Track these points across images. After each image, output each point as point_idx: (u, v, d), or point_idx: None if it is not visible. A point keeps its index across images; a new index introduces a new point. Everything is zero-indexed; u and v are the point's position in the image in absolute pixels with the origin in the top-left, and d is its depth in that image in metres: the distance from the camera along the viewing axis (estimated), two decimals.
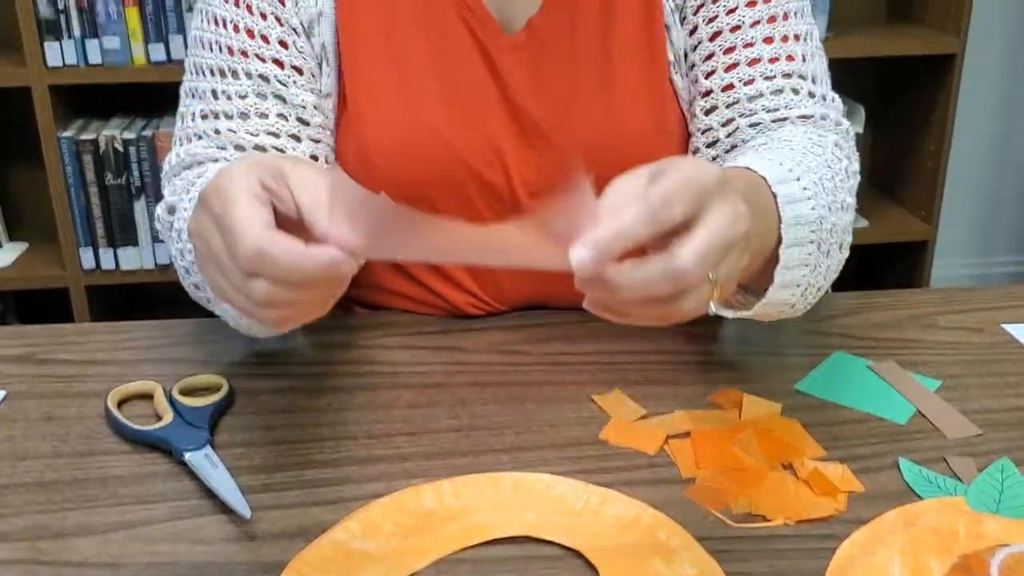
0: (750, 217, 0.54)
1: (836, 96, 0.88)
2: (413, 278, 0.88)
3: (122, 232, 1.98)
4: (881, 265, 2.39)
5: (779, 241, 0.66)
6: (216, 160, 0.83)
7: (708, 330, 0.86)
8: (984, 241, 2.65)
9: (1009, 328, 0.88)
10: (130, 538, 0.62)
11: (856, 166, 0.80)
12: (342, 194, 0.51)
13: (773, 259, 0.66)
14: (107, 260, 2.00)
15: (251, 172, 0.55)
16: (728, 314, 0.70)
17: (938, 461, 0.70)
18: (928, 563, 0.59)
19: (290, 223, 0.54)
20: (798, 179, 0.68)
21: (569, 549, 0.61)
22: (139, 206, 1.97)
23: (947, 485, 0.67)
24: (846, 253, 0.75)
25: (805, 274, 0.68)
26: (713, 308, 0.57)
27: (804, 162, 0.71)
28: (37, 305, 2.14)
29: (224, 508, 0.64)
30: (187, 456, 0.67)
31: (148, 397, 0.76)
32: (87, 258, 1.99)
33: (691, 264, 0.49)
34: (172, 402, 0.73)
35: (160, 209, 0.84)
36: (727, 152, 0.85)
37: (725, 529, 0.62)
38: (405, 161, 0.81)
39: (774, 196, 0.66)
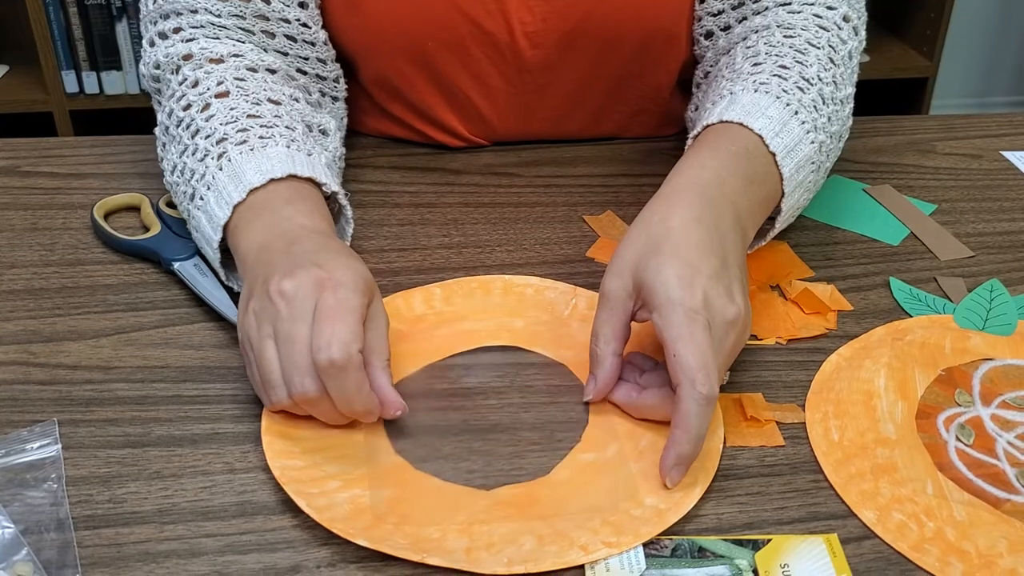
0: (737, 273, 0.56)
1: None
2: (398, 120, 0.85)
3: (105, 55, 1.93)
4: (880, 101, 2.35)
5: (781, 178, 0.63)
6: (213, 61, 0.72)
7: None
8: (985, 80, 2.60)
9: (1008, 155, 0.87)
10: (121, 343, 0.62)
11: (862, 35, 0.75)
12: None
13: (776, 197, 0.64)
14: (90, 84, 1.95)
15: (360, 284, 0.54)
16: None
17: (929, 281, 0.70)
18: (913, 375, 0.60)
19: None
20: (796, 113, 0.64)
21: None
22: (121, 28, 1.91)
23: (936, 304, 0.67)
24: (844, 140, 0.72)
25: (804, 197, 0.67)
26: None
27: (805, 73, 0.67)
28: (20, 132, 2.10)
29: (214, 316, 0.64)
30: (176, 265, 0.67)
31: (134, 209, 0.75)
32: (70, 82, 1.94)
33: (710, 390, 0.51)
34: (159, 214, 0.72)
35: (146, 70, 0.75)
36: (725, 54, 0.78)
37: None
38: (398, 7, 0.77)
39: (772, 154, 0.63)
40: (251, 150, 0.64)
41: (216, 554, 0.49)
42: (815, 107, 0.65)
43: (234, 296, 0.64)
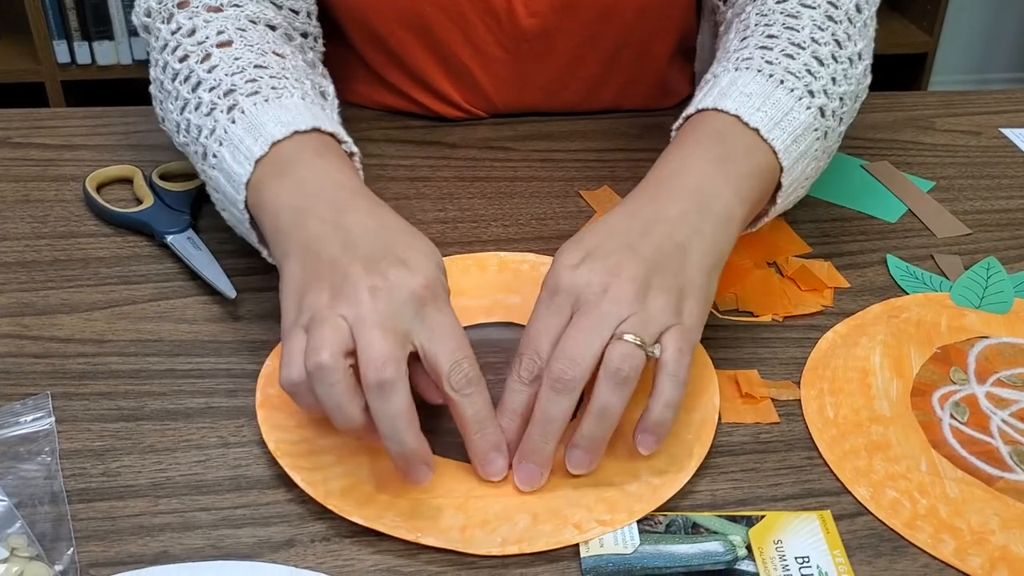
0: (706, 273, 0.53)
1: None
2: (394, 88, 0.84)
3: (97, 25, 1.91)
4: (879, 77, 2.33)
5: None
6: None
7: None
8: (984, 56, 2.59)
9: (1007, 132, 0.87)
10: (115, 316, 0.62)
11: None
12: None
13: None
14: (82, 54, 1.93)
15: (443, 279, 0.51)
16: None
17: (926, 259, 0.70)
18: (909, 353, 0.60)
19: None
20: (782, 82, 0.61)
21: None
22: None
23: (933, 281, 0.67)
24: (863, 97, 0.69)
25: (812, 166, 0.63)
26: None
27: (795, 38, 0.64)
28: (11, 102, 2.09)
29: (208, 290, 0.64)
30: (169, 239, 0.67)
31: (127, 182, 0.75)
32: (61, 52, 1.92)
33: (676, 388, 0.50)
34: (152, 186, 0.72)
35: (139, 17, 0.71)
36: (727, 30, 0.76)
37: (712, 318, 0.63)
38: None
39: (761, 135, 0.59)
40: (265, 101, 0.59)
41: (210, 528, 0.49)
42: (809, 71, 0.62)
43: (228, 271, 0.64)
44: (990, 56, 2.60)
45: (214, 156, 0.59)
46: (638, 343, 0.49)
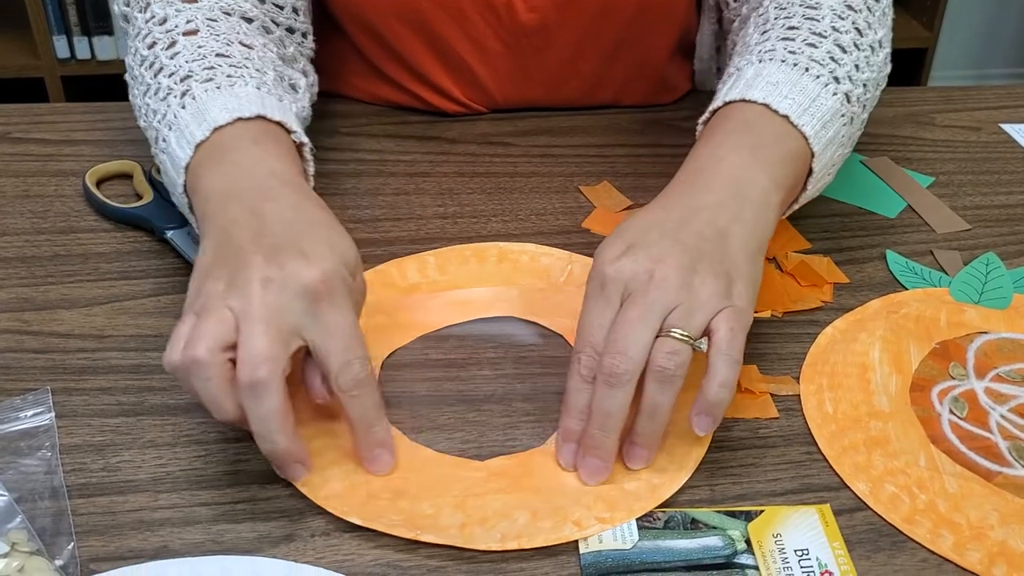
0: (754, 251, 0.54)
1: None
2: (393, 82, 0.84)
3: (96, 20, 1.91)
4: None
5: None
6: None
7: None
8: (984, 52, 2.59)
9: (1007, 128, 0.87)
10: (114, 311, 0.62)
11: None
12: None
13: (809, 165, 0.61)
14: (82, 49, 1.93)
15: (347, 278, 0.50)
16: None
17: (925, 254, 0.70)
18: (908, 348, 0.60)
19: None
20: (807, 70, 0.61)
21: None
22: None
23: (932, 277, 0.67)
24: (883, 86, 0.70)
25: (839, 152, 0.63)
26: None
27: (816, 28, 0.64)
28: (11, 97, 2.09)
29: None
30: (169, 234, 0.67)
31: (127, 177, 0.75)
32: (61, 47, 1.92)
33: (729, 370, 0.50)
34: (152, 181, 0.72)
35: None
36: (744, 22, 0.76)
37: None
38: None
39: (791, 122, 0.60)
40: (217, 88, 0.59)
41: (210, 523, 0.49)
42: (832, 59, 0.63)
43: None
44: (990, 52, 2.60)
45: (163, 140, 0.59)
46: (685, 338, 0.49)
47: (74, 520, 0.48)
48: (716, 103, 0.62)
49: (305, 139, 0.61)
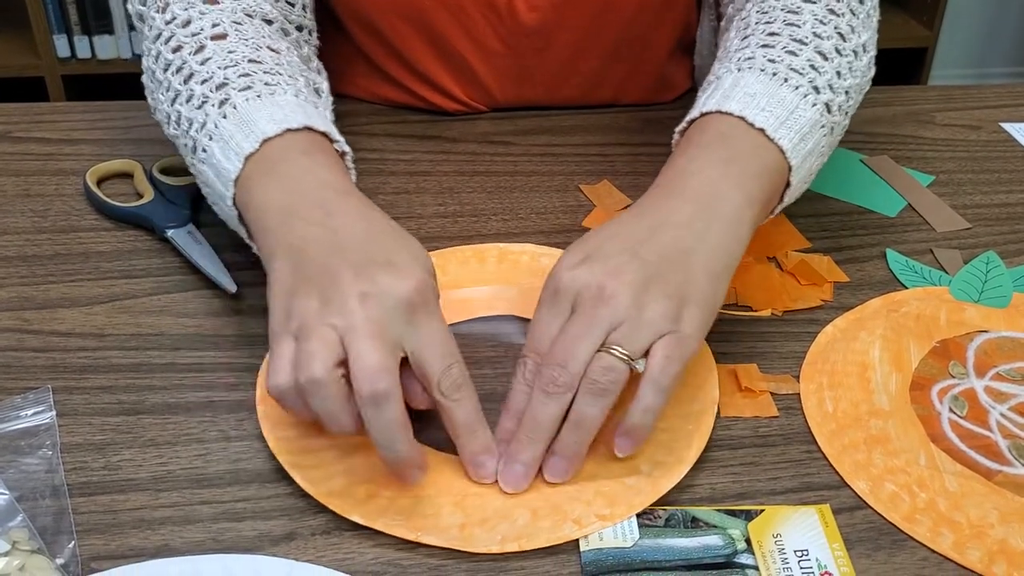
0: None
1: None
2: (394, 80, 0.84)
3: (97, 19, 1.91)
4: (878, 71, 2.33)
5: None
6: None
7: None
8: (984, 51, 2.59)
9: (1007, 127, 0.87)
10: (115, 310, 0.62)
11: None
12: None
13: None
14: (82, 48, 1.93)
15: (432, 282, 0.50)
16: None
17: (925, 253, 0.70)
18: (908, 347, 0.60)
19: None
20: (786, 80, 0.60)
21: None
22: None
23: (932, 276, 0.67)
24: (867, 89, 0.69)
25: (817, 162, 0.63)
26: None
27: (796, 34, 0.63)
28: (11, 96, 2.09)
29: (209, 284, 0.64)
30: (169, 233, 0.67)
31: (127, 176, 0.75)
32: (62, 46, 1.92)
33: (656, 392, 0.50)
34: (152, 181, 0.72)
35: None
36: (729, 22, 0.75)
37: None
38: None
39: (767, 135, 0.59)
40: (258, 97, 0.58)
41: (211, 521, 0.49)
42: (813, 67, 0.61)
43: (229, 266, 0.64)
44: (990, 50, 2.60)
45: (203, 151, 0.58)
46: (623, 356, 0.49)
47: (75, 519, 0.48)
48: (693, 113, 0.61)
49: (348, 148, 0.60)
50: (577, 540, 0.48)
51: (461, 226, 0.71)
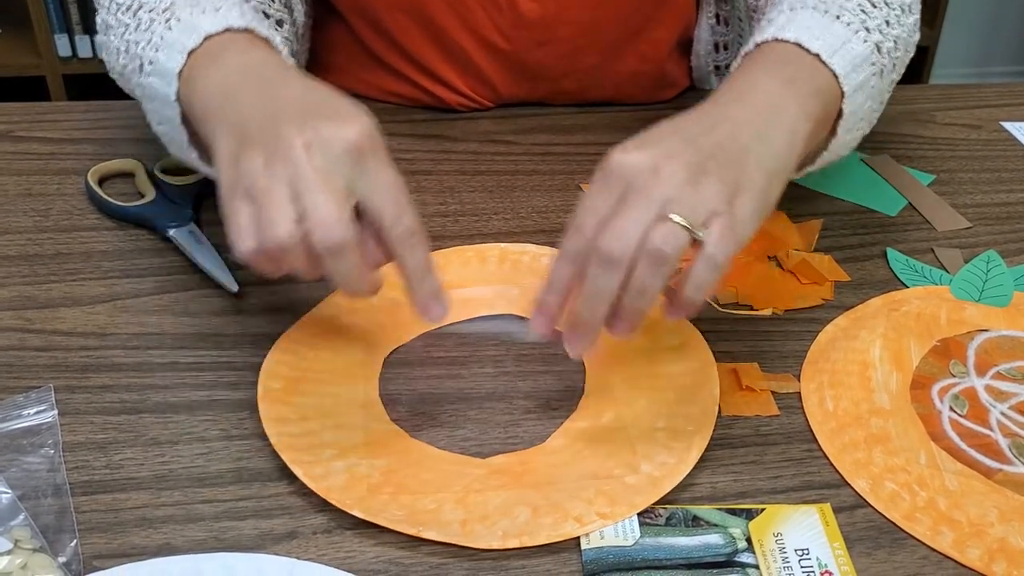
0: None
1: None
2: (398, 72, 0.85)
3: None
4: None
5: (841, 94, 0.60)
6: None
7: None
8: (985, 50, 2.59)
9: (1008, 126, 0.87)
10: (116, 309, 0.62)
11: None
12: None
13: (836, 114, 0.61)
14: (83, 47, 1.93)
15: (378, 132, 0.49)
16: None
17: (926, 252, 0.70)
18: (908, 346, 0.60)
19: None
20: (838, 17, 0.61)
21: None
22: None
23: (933, 275, 0.67)
24: (911, 53, 0.69)
25: (868, 105, 0.63)
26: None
27: None
28: (13, 96, 2.09)
29: (211, 283, 0.64)
30: (171, 232, 0.67)
31: (129, 175, 0.75)
32: (63, 45, 1.92)
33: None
34: (154, 180, 0.72)
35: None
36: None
37: (711, 311, 0.63)
38: None
39: (822, 60, 0.59)
40: (203, 12, 0.58)
41: (212, 520, 0.49)
42: (863, 11, 0.62)
43: (231, 265, 0.64)
44: (991, 50, 2.60)
45: (149, 63, 0.58)
46: (684, 224, 0.47)
47: (77, 517, 0.49)
48: (748, 47, 0.61)
49: (292, 61, 0.60)
50: (578, 539, 0.48)
51: (462, 225, 0.71)
